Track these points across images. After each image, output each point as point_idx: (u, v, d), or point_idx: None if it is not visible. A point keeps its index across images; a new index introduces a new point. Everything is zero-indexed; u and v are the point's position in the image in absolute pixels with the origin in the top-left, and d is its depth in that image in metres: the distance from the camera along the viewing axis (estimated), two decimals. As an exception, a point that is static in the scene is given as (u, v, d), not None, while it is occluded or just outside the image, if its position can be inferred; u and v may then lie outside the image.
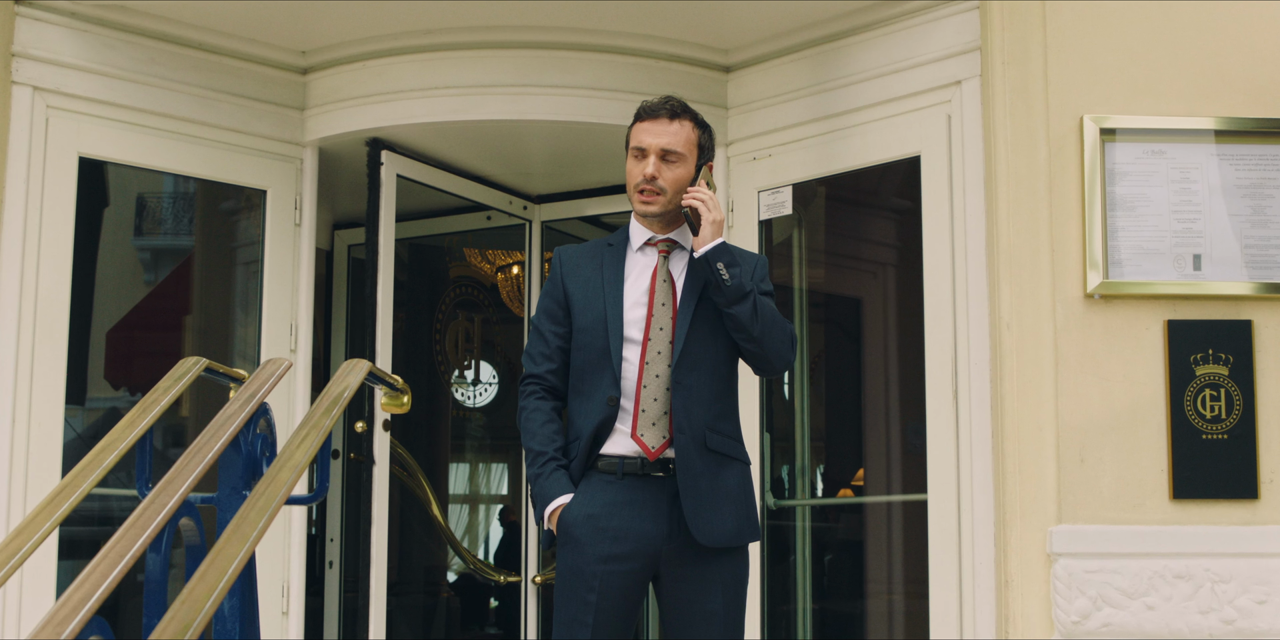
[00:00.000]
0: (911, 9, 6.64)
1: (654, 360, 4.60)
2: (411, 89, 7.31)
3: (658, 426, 4.57)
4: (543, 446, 4.63)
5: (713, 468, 4.58)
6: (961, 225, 6.33)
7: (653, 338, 4.62)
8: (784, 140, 7.13)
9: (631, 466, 4.58)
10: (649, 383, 4.58)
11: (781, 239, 7.57)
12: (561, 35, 7.22)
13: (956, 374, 6.30)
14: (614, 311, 4.65)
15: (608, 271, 4.74)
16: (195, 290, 8.70)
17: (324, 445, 3.40)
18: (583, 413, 4.65)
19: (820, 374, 7.93)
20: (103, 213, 8.29)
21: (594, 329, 4.66)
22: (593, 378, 4.65)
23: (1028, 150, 6.04)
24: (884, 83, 6.74)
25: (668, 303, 4.65)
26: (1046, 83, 6.05)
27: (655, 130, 4.70)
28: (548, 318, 4.78)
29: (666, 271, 4.70)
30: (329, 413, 3.44)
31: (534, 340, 4.79)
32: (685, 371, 4.60)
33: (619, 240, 4.83)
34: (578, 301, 4.73)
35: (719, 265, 4.54)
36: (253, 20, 7.11)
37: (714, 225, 4.59)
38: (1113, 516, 5.81)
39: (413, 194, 8.04)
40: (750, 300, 4.58)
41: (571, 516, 4.56)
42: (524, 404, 4.74)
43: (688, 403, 4.58)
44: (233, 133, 7.35)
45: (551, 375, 4.73)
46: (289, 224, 7.49)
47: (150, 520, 2.66)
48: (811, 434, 7.59)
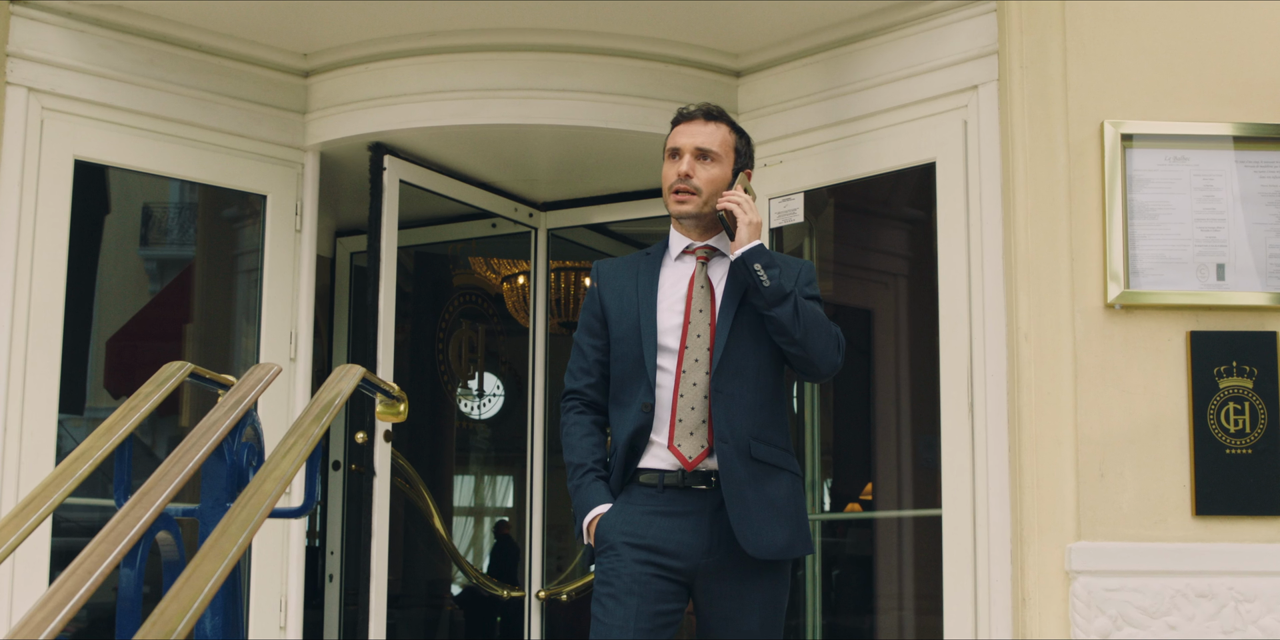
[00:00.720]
0: (927, 12, 6.55)
1: (691, 368, 4.51)
2: (414, 92, 7.21)
3: (696, 436, 4.47)
4: (581, 458, 4.59)
5: (759, 477, 4.48)
6: (978, 233, 6.23)
7: (690, 345, 4.53)
8: (795, 146, 7.04)
9: (673, 479, 4.49)
10: (686, 391, 4.49)
11: (792, 248, 7.45)
12: (568, 38, 7.13)
13: (972, 386, 6.20)
14: (648, 318, 4.57)
15: (643, 279, 4.67)
16: (197, 298, 8.62)
17: (314, 455, 3.24)
18: (619, 422, 4.59)
19: (829, 387, 7.75)
20: (104, 219, 8.23)
21: (629, 338, 4.60)
22: (629, 387, 4.58)
23: (1046, 156, 5.94)
24: (898, 88, 6.65)
25: (705, 309, 4.57)
26: (1066, 87, 5.96)
27: (690, 131, 4.65)
28: (586, 332, 4.72)
29: (705, 278, 4.62)
30: (319, 420, 3.28)
31: (575, 356, 4.74)
32: (725, 379, 4.50)
33: (657, 250, 4.77)
34: (613, 312, 4.67)
35: (756, 266, 4.46)
36: (253, 22, 7.02)
37: (751, 227, 4.51)
38: (1133, 533, 5.71)
39: (416, 200, 7.94)
40: (791, 302, 4.48)
41: (609, 525, 4.48)
42: (564, 419, 4.69)
43: (730, 411, 4.48)
44: (232, 136, 7.25)
45: (590, 390, 4.68)
46: (289, 230, 7.39)
47: (123, 534, 2.51)
48: (821, 448, 7.48)
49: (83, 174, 6.80)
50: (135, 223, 9.15)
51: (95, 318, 7.94)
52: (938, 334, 6.42)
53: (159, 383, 3.56)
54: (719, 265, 4.65)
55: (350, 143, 7.42)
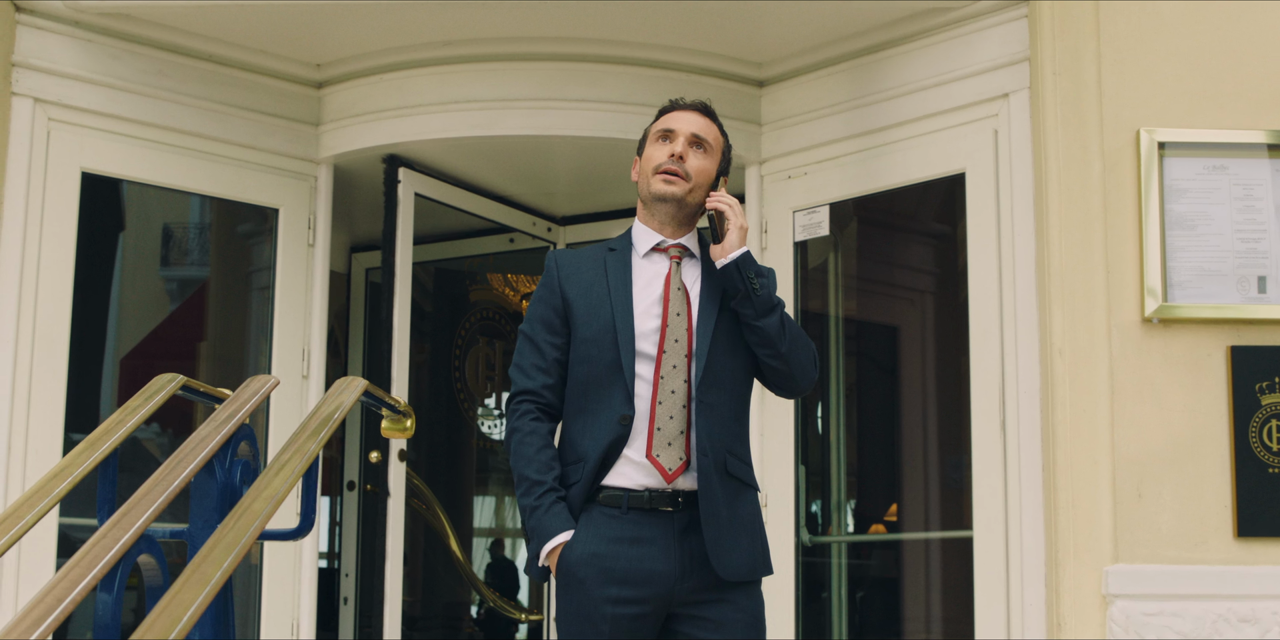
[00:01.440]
0: (955, 19, 6.43)
1: (669, 375, 4.26)
2: (430, 103, 7.10)
3: (674, 447, 4.23)
4: (540, 475, 4.26)
5: (731, 495, 4.26)
6: (1009, 246, 6.11)
7: (668, 350, 4.28)
8: (820, 157, 6.92)
9: (637, 500, 4.23)
10: (664, 399, 4.25)
11: (817, 263, 7.34)
12: (587, 47, 7.01)
13: (1004, 403, 6.07)
14: (624, 321, 4.31)
15: (613, 277, 4.39)
16: (211, 316, 8.54)
17: (311, 472, 3.06)
18: (588, 433, 4.28)
19: (854, 406, 7.67)
20: (118, 236, 8.23)
21: (600, 340, 4.31)
22: (599, 394, 4.29)
23: (1080, 166, 5.81)
24: (926, 96, 6.53)
25: (683, 313, 4.32)
26: (1100, 94, 5.83)
27: (686, 118, 4.44)
28: (543, 326, 4.41)
29: (680, 280, 4.38)
30: (316, 435, 3.09)
31: (526, 351, 4.43)
32: (707, 388, 4.27)
33: (622, 245, 4.49)
34: (580, 309, 4.37)
35: (749, 273, 4.26)
36: (266, 31, 6.91)
37: (741, 231, 4.31)
38: (1173, 555, 5.56)
39: (433, 215, 7.84)
40: (779, 313, 4.30)
41: (574, 556, 4.21)
42: (516, 425, 4.36)
43: (710, 423, 4.26)
44: (244, 148, 7.14)
45: (548, 391, 4.36)
46: (302, 244, 7.27)
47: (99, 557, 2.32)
48: (846, 468, 7.36)
49: (95, 190, 6.71)
50: (155, 242, 9.10)
51: (112, 336, 7.99)
52: (965, 351, 6.30)
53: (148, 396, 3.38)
54: (690, 267, 4.43)
55: (364, 155, 7.31)
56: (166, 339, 9.00)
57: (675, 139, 4.38)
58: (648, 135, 4.50)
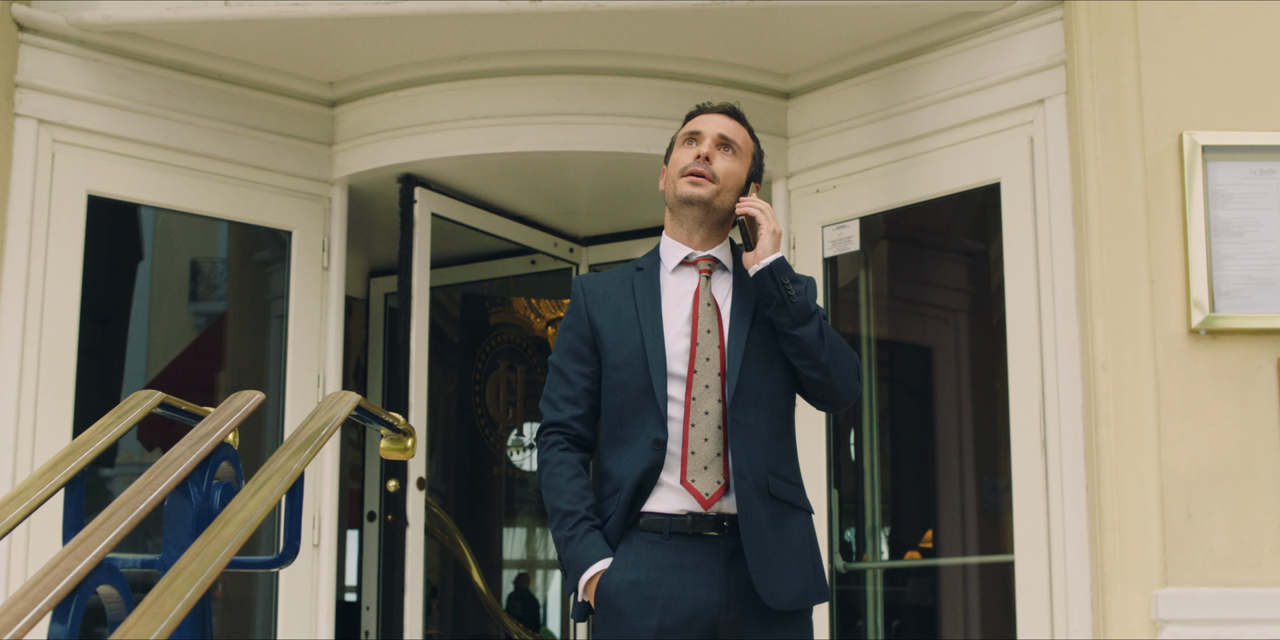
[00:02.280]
0: (988, 23, 6.29)
1: (701, 395, 4.07)
2: (445, 120, 6.98)
3: (710, 470, 4.03)
4: (572, 505, 4.07)
5: (778, 518, 4.05)
6: (1048, 256, 5.97)
7: (699, 370, 4.09)
8: (849, 170, 6.79)
9: (680, 525, 4.03)
10: (698, 421, 4.05)
11: (847, 281, 7.24)
12: (607, 59, 6.88)
13: (1045, 421, 5.93)
14: (654, 343, 4.12)
15: (642, 298, 4.21)
16: (229, 345, 8.38)
17: (295, 494, 2.83)
18: (622, 462, 4.10)
19: (887, 429, 7.56)
20: (136, 267, 8.20)
21: (631, 365, 4.13)
22: (633, 421, 4.11)
23: (1121, 172, 5.67)
24: (958, 104, 6.40)
25: (713, 329, 4.13)
26: (1141, 97, 5.69)
27: (713, 120, 4.27)
28: (571, 356, 4.24)
29: (709, 295, 4.18)
30: (299, 454, 2.85)
31: (555, 383, 4.25)
32: (742, 407, 4.07)
33: (649, 263, 4.31)
34: (609, 335, 4.20)
35: (784, 279, 4.07)
36: (277, 49, 6.80)
37: (774, 236, 4.13)
38: (1225, 578, 5.38)
39: (452, 237, 7.72)
40: (817, 321, 4.10)
41: (613, 585, 4.00)
42: (546, 457, 4.19)
43: (747, 443, 4.06)
44: (255, 169, 7.01)
45: (577, 422, 4.19)
46: (316, 268, 7.13)
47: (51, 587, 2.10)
48: (881, 493, 7.26)
49: (112, 217, 6.61)
50: (176, 272, 9.00)
51: (135, 367, 8.06)
52: (1002, 372, 6.18)
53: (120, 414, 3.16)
54: (721, 280, 4.24)
55: (379, 174, 7.18)
56: (186, 370, 8.91)
57: (701, 140, 4.21)
58: (674, 141, 4.32)
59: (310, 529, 6.76)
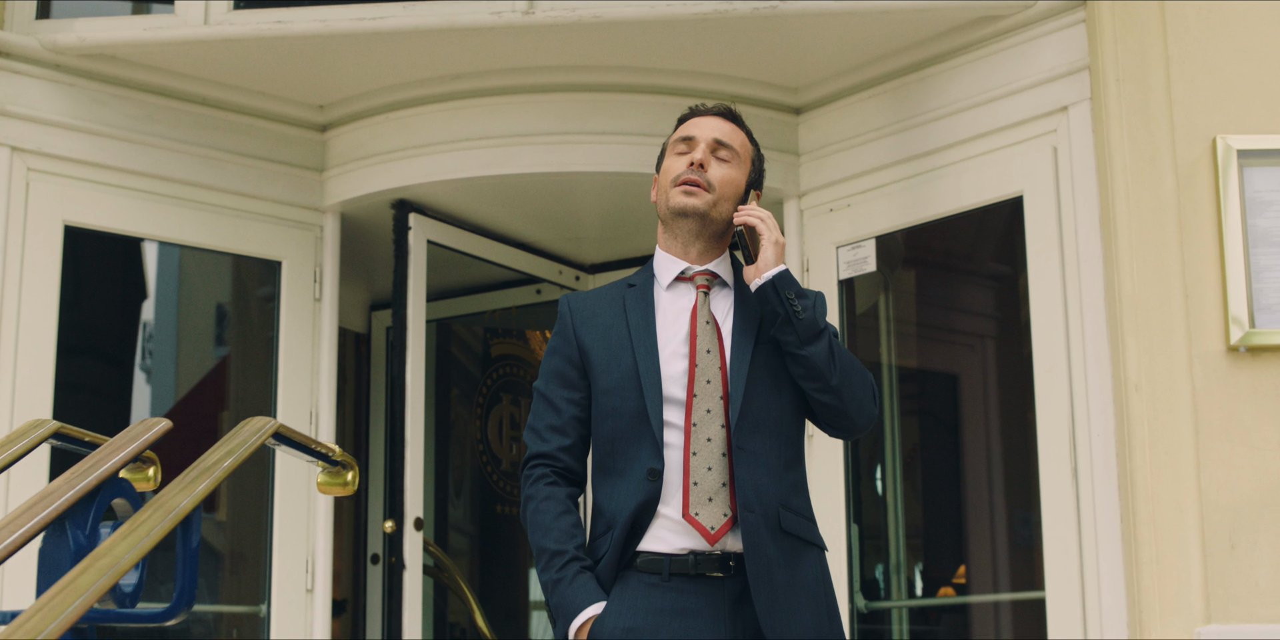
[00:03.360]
0: (1006, 28, 6.13)
1: (703, 421, 3.76)
2: (439, 142, 6.81)
3: (715, 502, 3.71)
4: (560, 544, 3.74)
5: (788, 555, 3.74)
6: (1075, 272, 5.82)
7: (699, 393, 3.78)
8: (864, 187, 6.63)
9: (681, 565, 3.70)
10: (699, 449, 3.74)
11: (866, 307, 7.07)
12: (608, 75, 6.71)
13: (1075, 448, 5.74)
14: (648, 364, 3.81)
15: (634, 316, 3.90)
16: (232, 384, 8.23)
17: (186, 536, 2.49)
18: (615, 495, 3.78)
19: (915, 461, 7.41)
20: (141, 304, 8.18)
21: (624, 389, 3.82)
22: (627, 450, 3.80)
23: (1151, 181, 5.52)
24: (977, 115, 6.24)
25: (714, 349, 3.82)
26: (1170, 101, 5.54)
27: (707, 123, 3.96)
28: (558, 381, 3.93)
29: (708, 312, 3.88)
30: (190, 489, 2.52)
31: (540, 411, 3.94)
32: (747, 433, 3.76)
33: (642, 279, 4.01)
34: (598, 357, 3.89)
35: (788, 294, 3.77)
36: (263, 71, 6.65)
37: (777, 246, 3.83)
38: (1272, 614, 5.21)
39: (451, 267, 7.61)
40: (826, 339, 3.79)
41: (606, 631, 3.67)
42: (530, 492, 3.87)
43: (754, 473, 3.74)
44: (242, 197, 6.86)
45: (564, 453, 3.87)
46: (307, 299, 6.96)
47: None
48: (907, 528, 7.10)
49: (117, 256, 6.65)
50: (191, 314, 8.88)
51: (142, 407, 7.97)
52: (1031, 398, 6.00)
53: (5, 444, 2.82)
54: (721, 297, 3.94)
55: (373, 201, 7.02)
56: (191, 410, 8.73)
57: (695, 146, 3.90)
58: (666, 148, 4.02)
59: (304, 573, 6.54)
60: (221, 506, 7.98)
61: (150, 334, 8.35)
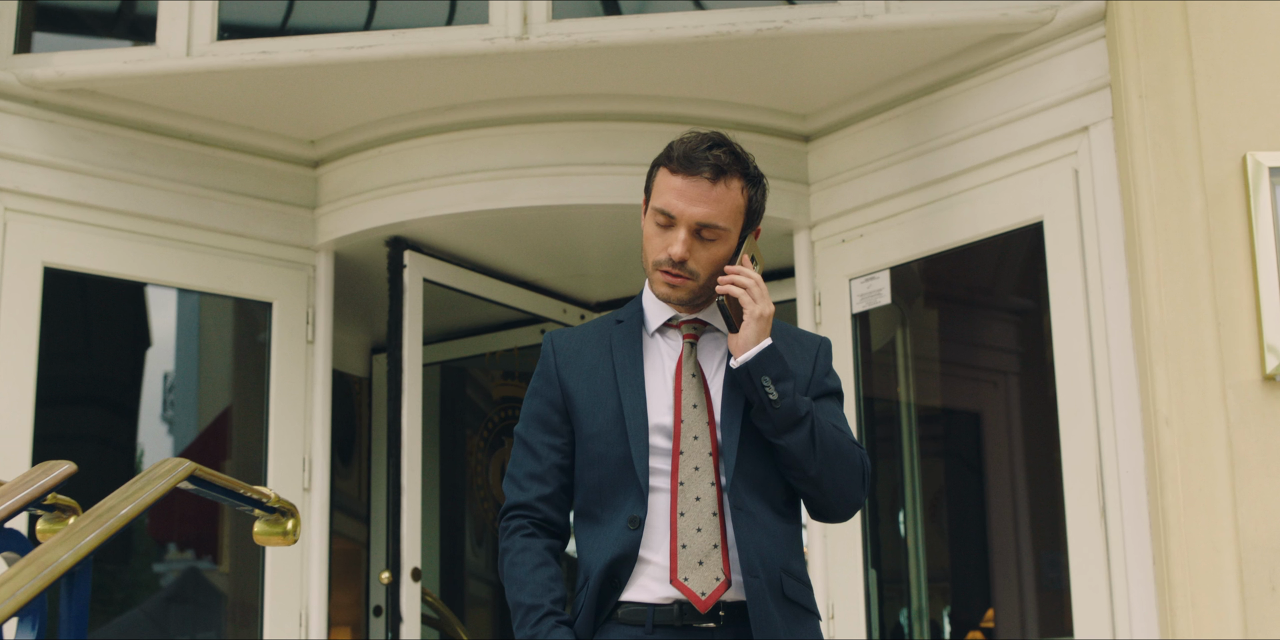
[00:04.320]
0: (1022, 47, 6.00)
1: (691, 479, 3.49)
2: (434, 176, 6.66)
3: (707, 567, 3.43)
4: (535, 598, 3.46)
5: (791, 624, 3.47)
6: (1099, 300, 5.67)
7: (686, 449, 3.50)
8: (877, 216, 6.49)
9: (666, 615, 3.43)
10: (688, 508, 3.46)
11: (882, 343, 6.91)
12: (608, 104, 6.56)
13: (1103, 485, 5.59)
14: (635, 406, 3.55)
15: (620, 356, 3.63)
16: (234, 431, 8.15)
17: (68, 592, 2.21)
18: (596, 545, 3.52)
19: (940, 503, 7.29)
20: (145, 353, 8.08)
21: (608, 434, 3.55)
22: (611, 499, 3.54)
23: (1179, 202, 5.36)
24: (993, 137, 6.11)
25: (700, 404, 3.55)
26: (1196, 117, 5.38)
27: (691, 194, 3.55)
28: (539, 426, 3.65)
29: (695, 364, 3.60)
30: (72, 542, 2.24)
31: (520, 458, 3.67)
32: (743, 492, 3.50)
33: (631, 316, 3.73)
34: (582, 400, 3.62)
35: (764, 380, 3.47)
36: (250, 105, 6.53)
37: (759, 322, 3.51)
38: None
39: (456, 307, 7.48)
40: (806, 427, 3.49)
41: None
42: (506, 544, 3.59)
43: (755, 535, 3.47)
44: (231, 236, 6.72)
45: (544, 504, 3.59)
46: (299, 341, 6.81)
47: None
48: (930, 572, 6.93)
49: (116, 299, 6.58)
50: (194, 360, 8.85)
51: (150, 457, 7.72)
52: (1055, 432, 5.86)
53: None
54: (711, 347, 3.67)
55: (367, 238, 6.88)
56: (195, 458, 8.60)
57: (675, 229, 3.55)
58: (650, 190, 3.69)
59: (298, 626, 6.43)
60: (224, 558, 7.87)
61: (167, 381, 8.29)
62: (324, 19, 6.57)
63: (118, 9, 6.75)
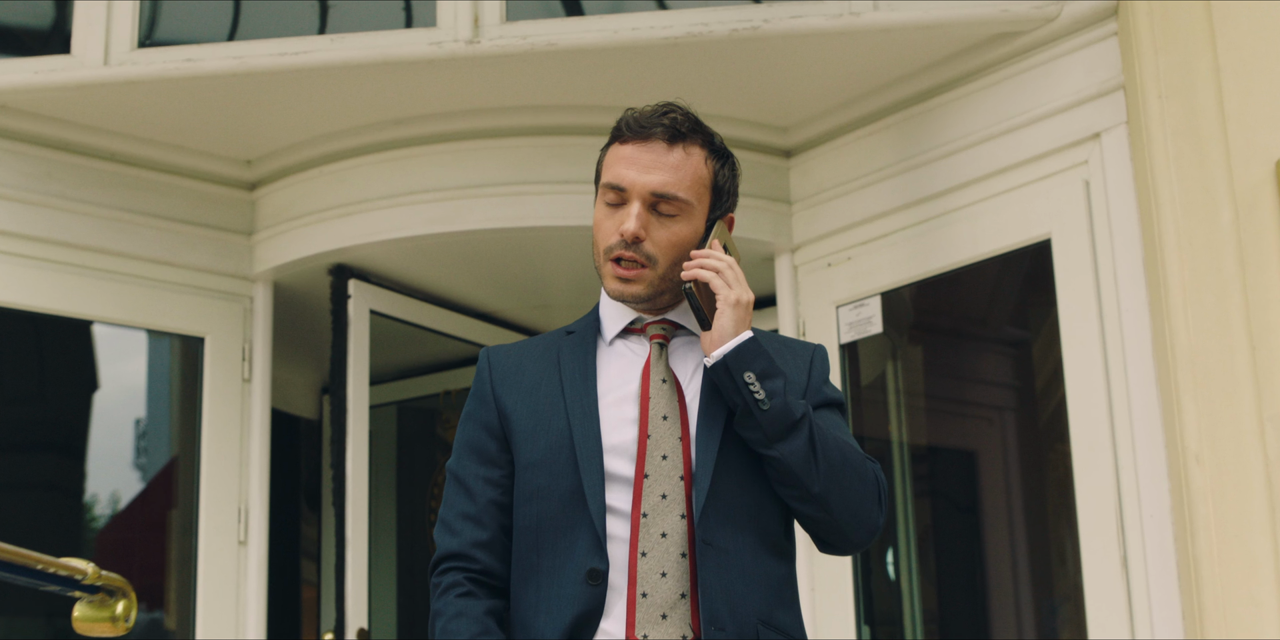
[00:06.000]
0: (1024, 47, 5.61)
1: (656, 510, 2.92)
2: (379, 197, 6.28)
3: (671, 620, 2.87)
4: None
5: None
6: (1115, 326, 5.27)
7: (651, 473, 2.94)
8: (866, 237, 6.14)
9: None
10: (650, 547, 2.90)
11: (872, 378, 6.55)
12: (568, 116, 6.19)
13: (1123, 532, 5.15)
14: (585, 429, 2.99)
15: (568, 370, 3.08)
16: (180, 479, 7.77)
17: None
18: (541, 605, 2.95)
19: (929, 545, 6.87)
20: (92, 396, 7.73)
21: (552, 462, 3.00)
22: (557, 543, 2.97)
23: (1205, 214, 4.97)
24: (994, 148, 5.73)
25: (673, 415, 2.98)
26: (1223, 119, 4.98)
27: (644, 160, 3.06)
28: (473, 456, 3.10)
29: (665, 368, 3.05)
30: None
31: (452, 496, 3.11)
32: (716, 525, 2.93)
33: (584, 326, 3.19)
34: (521, 422, 3.06)
35: (747, 377, 2.91)
36: (179, 121, 6.16)
37: (735, 309, 2.97)
38: None
39: (412, 342, 7.11)
40: (804, 432, 2.93)
41: None
42: (438, 606, 3.03)
43: (726, 578, 2.91)
44: (158, 265, 6.35)
45: (482, 551, 3.03)
46: (235, 380, 6.40)
47: None
48: (924, 615, 6.61)
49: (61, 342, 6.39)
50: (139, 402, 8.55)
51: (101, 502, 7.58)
52: (1056, 477, 5.71)
53: None
54: (686, 350, 3.13)
55: (308, 266, 6.48)
56: (142, 509, 8.50)
57: (626, 204, 3.04)
58: (599, 173, 3.18)
59: None
60: (170, 611, 7.35)
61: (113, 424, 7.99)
62: (274, 29, 6.15)
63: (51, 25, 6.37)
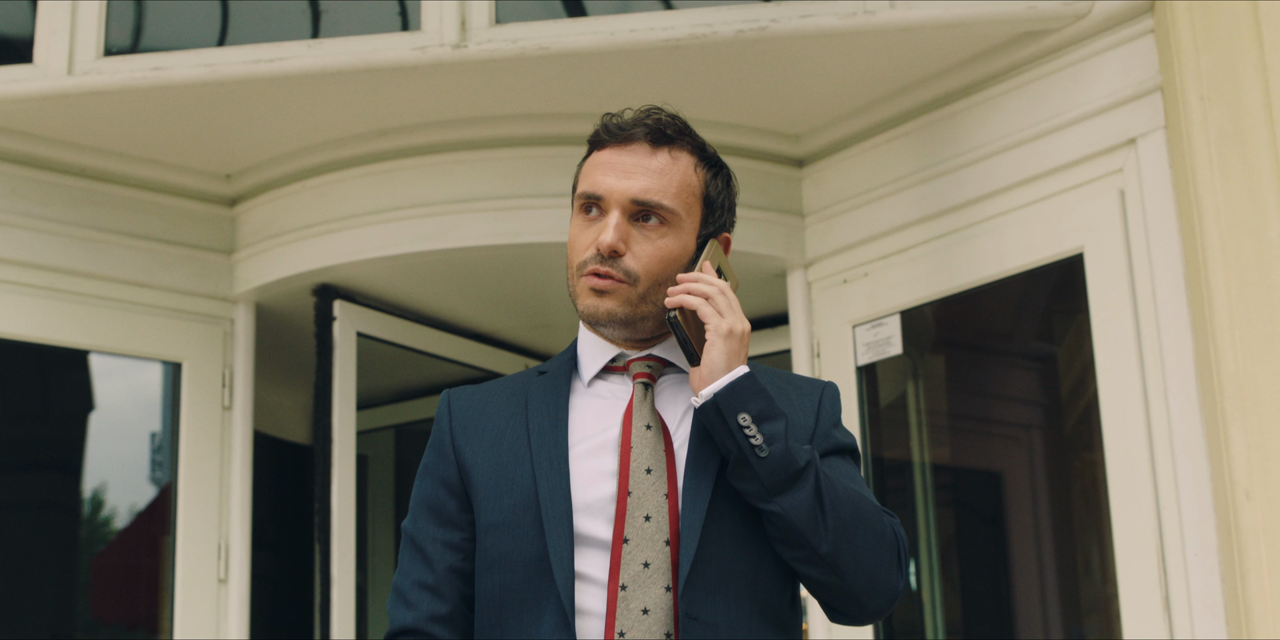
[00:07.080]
0: (1053, 47, 5.29)
1: (637, 580, 2.56)
2: (365, 213, 6.04)
3: None
4: None
5: None
6: (1155, 347, 4.96)
7: (632, 537, 2.58)
8: (884, 251, 5.86)
9: None
10: (630, 625, 2.54)
11: (891, 399, 6.31)
12: (564, 125, 5.91)
13: (1166, 572, 4.84)
14: (553, 485, 2.63)
15: (536, 416, 2.71)
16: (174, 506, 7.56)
17: None
18: None
19: (954, 567, 6.74)
20: (87, 417, 7.61)
21: (516, 525, 2.64)
22: (521, 619, 2.61)
23: (1252, 224, 4.66)
24: (1021, 155, 5.43)
25: (658, 468, 2.61)
26: (1271, 122, 4.67)
27: (625, 165, 2.70)
28: (430, 516, 2.76)
29: (650, 412, 2.68)
30: None
31: (407, 563, 2.77)
32: (704, 596, 2.56)
33: (558, 366, 2.82)
34: (483, 477, 2.70)
35: (741, 418, 2.54)
36: (152, 134, 5.92)
37: (728, 341, 2.60)
38: None
39: (408, 365, 6.89)
40: (809, 483, 2.56)
41: None
42: None
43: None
44: (133, 287, 6.12)
45: (442, 627, 2.67)
46: (215, 407, 6.15)
47: None
48: (947, 627, 6.35)
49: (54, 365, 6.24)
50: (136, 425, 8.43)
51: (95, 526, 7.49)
52: (1086, 498, 5.70)
53: None
54: (673, 391, 2.76)
55: (292, 286, 6.24)
56: (137, 535, 8.42)
57: (604, 214, 2.71)
58: (577, 180, 2.82)
59: None
60: None
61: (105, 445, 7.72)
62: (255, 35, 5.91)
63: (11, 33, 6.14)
